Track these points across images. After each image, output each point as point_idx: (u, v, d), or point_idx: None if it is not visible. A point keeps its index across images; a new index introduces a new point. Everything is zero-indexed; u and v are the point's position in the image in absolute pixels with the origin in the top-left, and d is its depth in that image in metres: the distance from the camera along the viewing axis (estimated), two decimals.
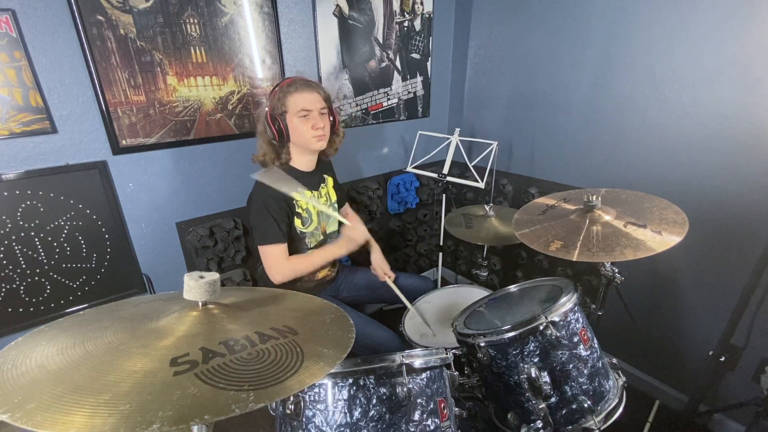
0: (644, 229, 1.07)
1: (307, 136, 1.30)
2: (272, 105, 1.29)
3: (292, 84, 1.29)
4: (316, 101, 1.29)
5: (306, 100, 1.28)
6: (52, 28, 1.19)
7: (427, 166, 2.03)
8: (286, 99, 1.27)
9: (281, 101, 1.27)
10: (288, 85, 1.29)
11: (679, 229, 1.05)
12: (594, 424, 0.95)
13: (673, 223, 1.08)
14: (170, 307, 0.70)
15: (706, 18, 1.34)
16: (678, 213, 1.12)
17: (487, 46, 2.12)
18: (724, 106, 1.36)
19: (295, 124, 1.29)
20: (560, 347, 0.97)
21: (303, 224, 1.37)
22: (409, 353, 0.87)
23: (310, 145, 1.33)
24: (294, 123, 1.28)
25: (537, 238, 1.16)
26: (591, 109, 1.73)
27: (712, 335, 1.52)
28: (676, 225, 1.07)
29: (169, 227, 1.58)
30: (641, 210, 1.17)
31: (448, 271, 2.78)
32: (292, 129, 1.29)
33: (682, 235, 1.03)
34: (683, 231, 1.04)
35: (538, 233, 1.19)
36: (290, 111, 1.28)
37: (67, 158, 1.30)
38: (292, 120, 1.28)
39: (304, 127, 1.29)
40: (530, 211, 1.34)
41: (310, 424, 0.83)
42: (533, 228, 1.22)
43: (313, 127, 1.29)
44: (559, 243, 1.10)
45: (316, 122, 1.29)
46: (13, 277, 1.29)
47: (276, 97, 1.28)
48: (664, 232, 1.05)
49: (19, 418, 0.45)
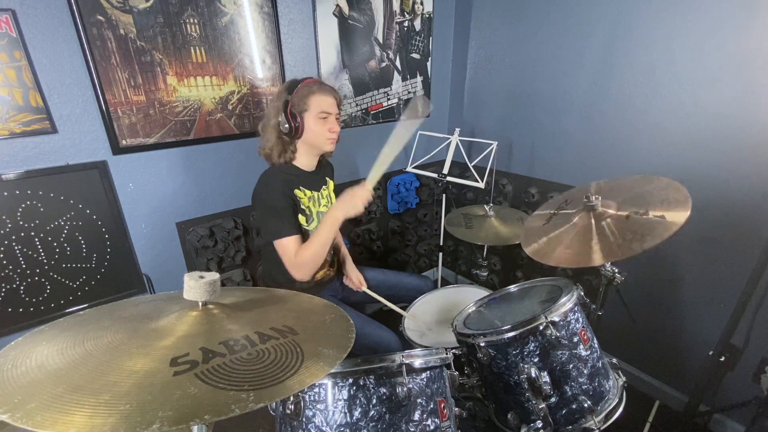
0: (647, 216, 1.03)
1: (322, 138, 1.34)
2: (294, 101, 1.28)
3: (315, 84, 1.31)
4: (334, 106, 1.34)
5: (327, 103, 1.31)
6: (52, 28, 1.19)
7: (427, 166, 2.03)
8: (309, 98, 1.29)
9: (303, 99, 1.28)
10: (311, 84, 1.30)
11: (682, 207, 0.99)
12: (594, 424, 0.95)
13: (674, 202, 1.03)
14: (170, 307, 0.70)
15: (706, 18, 1.34)
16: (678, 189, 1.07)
17: (487, 46, 2.12)
18: (724, 106, 1.36)
19: (312, 124, 1.31)
20: (560, 347, 0.97)
21: (307, 222, 1.37)
22: (409, 353, 0.87)
23: (322, 146, 1.36)
24: (312, 122, 1.31)
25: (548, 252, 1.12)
26: (591, 109, 1.73)
27: (712, 335, 1.52)
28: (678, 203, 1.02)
29: (169, 227, 1.58)
30: (640, 196, 1.13)
31: (448, 271, 2.78)
32: (309, 128, 1.31)
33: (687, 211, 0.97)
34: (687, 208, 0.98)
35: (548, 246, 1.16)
36: (310, 110, 1.29)
37: (67, 158, 1.30)
38: (309, 119, 1.30)
39: (322, 129, 1.32)
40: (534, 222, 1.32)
41: (310, 424, 0.83)
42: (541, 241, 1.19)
43: (330, 130, 1.33)
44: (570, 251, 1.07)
45: (333, 126, 1.34)
46: (13, 277, 1.29)
47: (299, 94, 1.28)
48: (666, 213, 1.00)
49: (19, 418, 0.45)
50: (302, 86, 1.29)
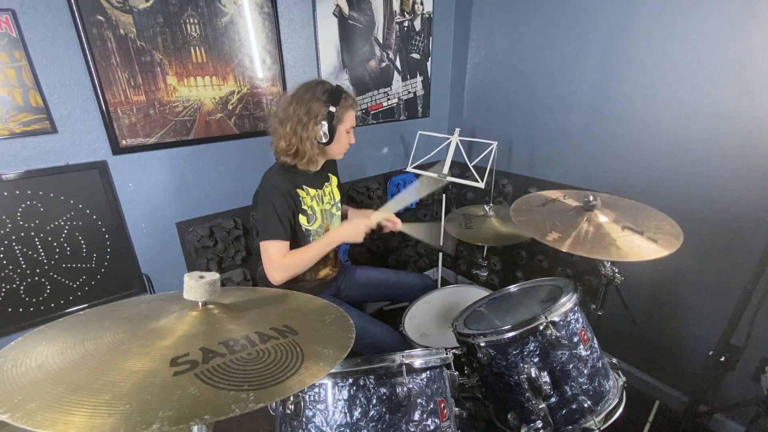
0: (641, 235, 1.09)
1: (343, 149, 1.41)
2: (338, 114, 1.30)
3: (350, 97, 1.34)
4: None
5: (353, 118, 1.37)
6: (52, 28, 1.19)
7: (427, 166, 2.03)
8: (347, 112, 1.33)
9: (344, 113, 1.32)
10: (348, 98, 1.33)
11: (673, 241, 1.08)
12: (594, 424, 0.95)
13: (668, 234, 1.11)
14: (170, 307, 0.70)
15: (706, 18, 1.34)
16: (674, 226, 1.15)
17: (487, 46, 2.12)
18: (724, 106, 1.36)
19: (341, 136, 1.35)
20: (560, 347, 0.97)
21: (308, 221, 1.37)
22: (409, 353, 0.87)
23: (338, 156, 1.43)
24: (341, 135, 1.35)
25: (536, 228, 1.17)
26: (591, 109, 1.73)
27: (712, 335, 1.52)
28: (672, 237, 1.09)
29: (169, 227, 1.58)
30: (639, 217, 1.20)
31: (448, 271, 2.78)
32: (337, 139, 1.34)
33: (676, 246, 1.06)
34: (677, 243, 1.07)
35: (536, 222, 1.20)
36: (344, 123, 1.34)
37: (67, 158, 1.30)
38: (342, 132, 1.35)
39: (346, 141, 1.38)
40: (531, 202, 1.35)
41: (310, 424, 0.83)
42: (532, 217, 1.24)
43: (349, 142, 1.40)
44: (557, 234, 1.12)
45: (352, 138, 1.40)
46: (13, 277, 1.29)
47: (343, 107, 1.31)
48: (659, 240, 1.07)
49: (19, 418, 0.45)
50: (344, 99, 1.31)
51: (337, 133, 1.32)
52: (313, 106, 1.27)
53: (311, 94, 1.28)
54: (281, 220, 1.27)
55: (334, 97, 1.28)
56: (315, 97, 1.28)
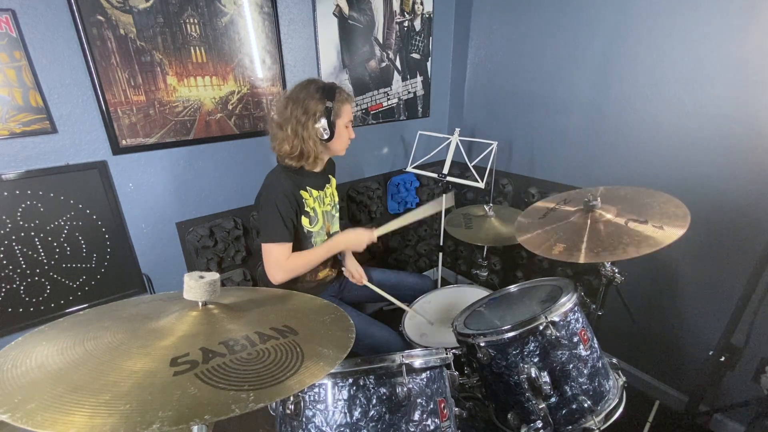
0: (645, 225, 1.07)
1: (344, 145, 1.39)
2: (335, 108, 1.30)
3: (344, 92, 1.33)
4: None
5: (350, 112, 1.36)
6: (52, 28, 1.19)
7: (427, 166, 2.03)
8: (343, 106, 1.32)
9: (340, 107, 1.31)
10: (343, 92, 1.33)
11: (680, 222, 1.04)
12: (594, 424, 0.95)
13: (674, 217, 1.07)
14: (170, 307, 0.70)
15: (706, 18, 1.34)
16: (679, 206, 1.11)
17: (487, 46, 2.12)
18: (724, 106, 1.36)
19: (341, 131, 1.34)
20: (560, 347, 0.97)
21: (310, 223, 1.37)
22: (409, 353, 0.87)
23: (340, 152, 1.41)
24: (341, 130, 1.34)
25: (539, 243, 1.15)
26: (591, 109, 1.73)
27: (712, 335, 1.52)
28: (678, 218, 1.06)
29: (169, 227, 1.58)
30: (641, 206, 1.17)
31: (448, 271, 2.78)
32: (337, 135, 1.34)
33: (684, 227, 1.02)
34: (685, 224, 1.03)
35: (540, 238, 1.18)
36: (342, 118, 1.33)
37: (67, 158, 1.30)
38: (341, 127, 1.34)
39: (346, 136, 1.37)
40: (531, 215, 1.34)
41: (310, 424, 0.83)
42: (535, 232, 1.22)
43: (349, 137, 1.38)
44: (562, 246, 1.10)
45: (351, 132, 1.39)
46: (13, 277, 1.29)
47: (339, 101, 1.30)
48: (665, 226, 1.04)
49: (19, 418, 0.45)
50: (338, 93, 1.30)
51: (337, 128, 1.32)
52: (310, 104, 1.27)
53: (305, 93, 1.28)
54: (285, 222, 1.27)
55: (328, 93, 1.28)
56: (309, 95, 1.28)
